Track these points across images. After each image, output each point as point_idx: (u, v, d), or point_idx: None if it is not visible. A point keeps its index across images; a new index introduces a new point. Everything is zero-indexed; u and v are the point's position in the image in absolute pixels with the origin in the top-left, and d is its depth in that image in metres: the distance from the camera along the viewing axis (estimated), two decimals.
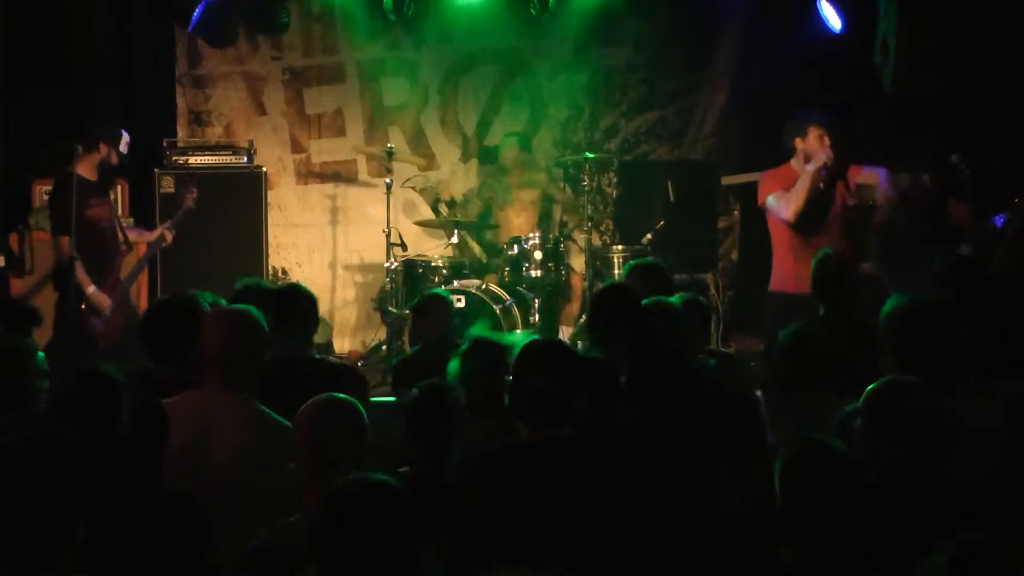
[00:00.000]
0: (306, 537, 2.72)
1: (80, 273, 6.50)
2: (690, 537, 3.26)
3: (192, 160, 8.07)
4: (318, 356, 4.87)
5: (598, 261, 7.99)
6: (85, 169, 6.65)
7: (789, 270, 6.32)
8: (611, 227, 9.02)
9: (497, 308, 7.48)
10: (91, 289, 6.57)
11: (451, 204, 8.56)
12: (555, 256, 7.87)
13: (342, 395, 3.29)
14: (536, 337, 4.77)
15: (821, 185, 6.32)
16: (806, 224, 6.35)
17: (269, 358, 3.98)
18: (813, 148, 6.34)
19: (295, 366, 4.38)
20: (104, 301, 6.60)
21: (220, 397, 3.70)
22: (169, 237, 7.04)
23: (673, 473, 3.43)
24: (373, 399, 6.45)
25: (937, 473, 3.22)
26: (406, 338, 7.36)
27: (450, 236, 8.12)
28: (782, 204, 6.35)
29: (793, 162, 6.46)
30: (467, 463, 3.49)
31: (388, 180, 7.81)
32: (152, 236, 7.11)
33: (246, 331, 3.84)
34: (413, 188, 8.76)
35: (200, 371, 3.80)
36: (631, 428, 3.73)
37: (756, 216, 8.77)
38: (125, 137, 6.79)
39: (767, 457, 3.30)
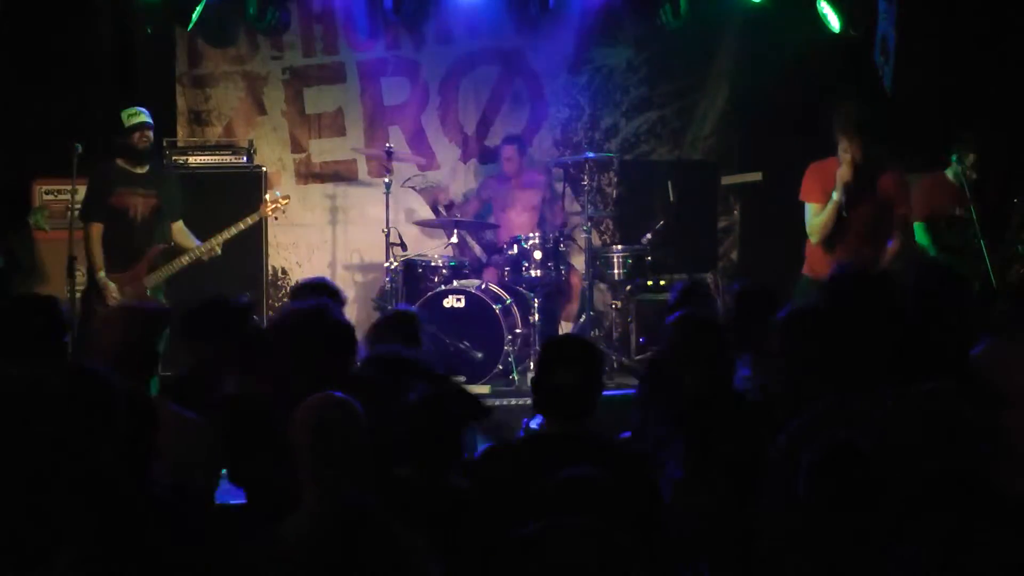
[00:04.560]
0: (303, 537, 2.70)
1: (96, 256, 6.55)
2: None
3: (192, 160, 8.07)
4: None
5: (598, 261, 7.99)
6: (124, 159, 6.79)
7: (825, 258, 6.23)
8: (611, 227, 9.02)
9: (496, 308, 7.48)
10: (101, 274, 6.59)
11: (449, 207, 8.54)
12: (555, 256, 7.87)
13: (341, 394, 3.27)
14: None
15: (844, 213, 6.15)
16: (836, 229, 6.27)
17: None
18: (841, 161, 6.15)
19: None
20: (111, 287, 6.59)
21: None
22: (218, 249, 6.92)
23: None
24: None
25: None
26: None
27: (450, 236, 8.13)
28: (813, 226, 6.25)
29: (841, 153, 6.18)
30: (487, 454, 3.53)
31: (388, 180, 7.81)
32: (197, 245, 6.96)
33: (142, 327, 3.88)
34: (413, 188, 8.76)
35: None
36: None
37: (756, 216, 8.82)
38: (144, 117, 6.80)
39: None
